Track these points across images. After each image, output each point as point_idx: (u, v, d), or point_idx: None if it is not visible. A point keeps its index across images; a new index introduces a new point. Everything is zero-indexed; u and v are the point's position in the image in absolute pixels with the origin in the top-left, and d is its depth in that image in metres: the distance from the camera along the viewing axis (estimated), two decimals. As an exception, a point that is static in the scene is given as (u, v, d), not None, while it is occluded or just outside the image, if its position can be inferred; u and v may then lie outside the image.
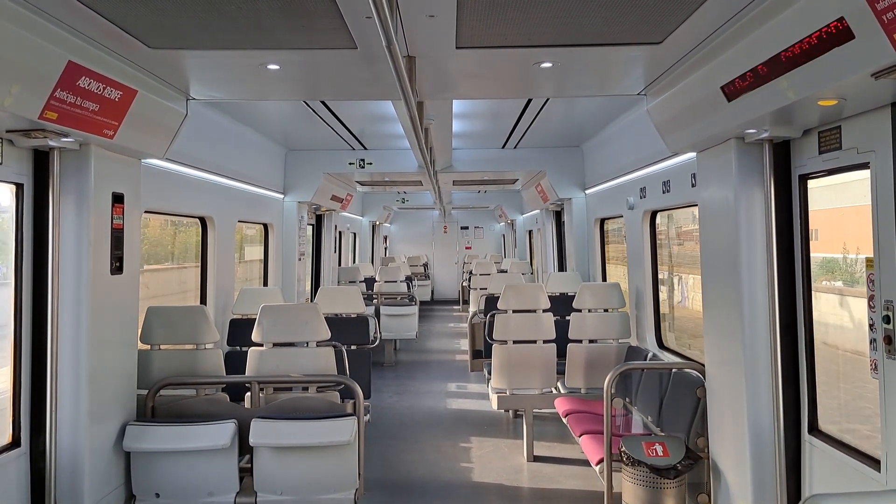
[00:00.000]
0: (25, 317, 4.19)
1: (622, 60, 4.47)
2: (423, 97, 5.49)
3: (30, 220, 4.21)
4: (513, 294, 7.18)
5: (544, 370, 7.04)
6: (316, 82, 5.04)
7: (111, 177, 4.53)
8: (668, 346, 6.95)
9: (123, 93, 4.19)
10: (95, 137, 4.14)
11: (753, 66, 3.52)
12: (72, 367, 4.26)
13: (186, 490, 4.66)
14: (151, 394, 5.03)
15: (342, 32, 3.76)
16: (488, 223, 25.30)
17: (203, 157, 6.73)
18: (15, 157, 4.05)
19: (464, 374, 11.34)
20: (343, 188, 12.40)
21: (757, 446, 4.23)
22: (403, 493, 6.10)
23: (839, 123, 3.68)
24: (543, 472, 6.60)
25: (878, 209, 3.35)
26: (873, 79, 2.80)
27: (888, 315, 3.29)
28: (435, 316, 20.05)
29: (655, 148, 6.09)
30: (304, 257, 10.44)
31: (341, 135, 8.70)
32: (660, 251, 7.31)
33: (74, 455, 4.26)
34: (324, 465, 4.70)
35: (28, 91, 3.42)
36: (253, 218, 8.71)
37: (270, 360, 5.43)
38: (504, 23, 3.67)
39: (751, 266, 4.27)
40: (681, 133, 4.82)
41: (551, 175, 10.05)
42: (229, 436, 4.63)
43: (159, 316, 5.41)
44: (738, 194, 4.28)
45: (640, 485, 4.63)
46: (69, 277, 4.25)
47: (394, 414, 8.89)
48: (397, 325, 12.63)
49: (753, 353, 4.26)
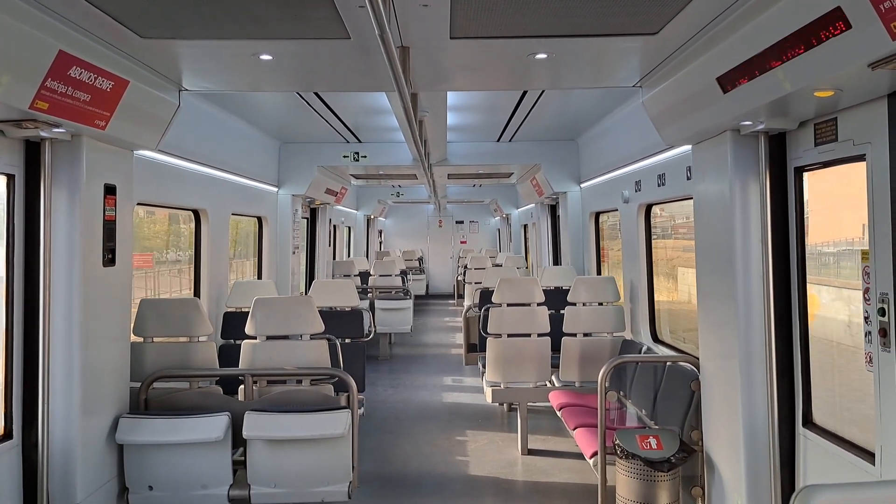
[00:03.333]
0: (17, 308, 4.16)
1: (617, 51, 4.46)
2: (418, 88, 5.47)
3: (21, 212, 4.17)
4: (507, 287, 7.17)
5: (539, 364, 7.03)
6: (309, 73, 5.01)
7: (103, 168, 4.50)
8: (662, 340, 6.96)
9: (115, 83, 4.16)
10: (87, 128, 4.11)
11: (749, 56, 3.51)
12: (64, 360, 4.23)
13: (180, 482, 4.64)
14: (144, 386, 5.01)
15: (335, 22, 3.73)
16: (483, 217, 25.32)
17: (196, 149, 6.70)
18: (6, 148, 4.01)
19: (458, 368, 11.36)
20: (337, 181, 12.37)
21: (751, 439, 4.23)
22: (398, 487, 6.10)
23: (835, 115, 3.67)
24: (538, 466, 6.60)
25: (873, 201, 3.33)
26: (870, 69, 2.78)
27: (883, 307, 3.28)
28: (430, 310, 20.07)
29: (650, 141, 6.08)
30: (299, 251, 10.41)
31: (335, 127, 8.67)
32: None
33: (67, 447, 4.24)
34: (318, 458, 4.69)
35: (18, 81, 3.38)
36: (247, 211, 8.68)
37: (264, 353, 5.41)
38: (498, 13, 3.65)
39: (746, 259, 4.26)
40: (676, 125, 4.81)
41: (546, 169, 10.04)
42: (223, 428, 4.61)
43: (152, 308, 5.39)
44: (734, 187, 4.27)
45: (633, 478, 4.63)
46: (61, 269, 4.22)
47: (388, 407, 8.89)
48: (392, 319, 12.63)
49: (748, 346, 4.26)
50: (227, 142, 7.68)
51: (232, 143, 7.88)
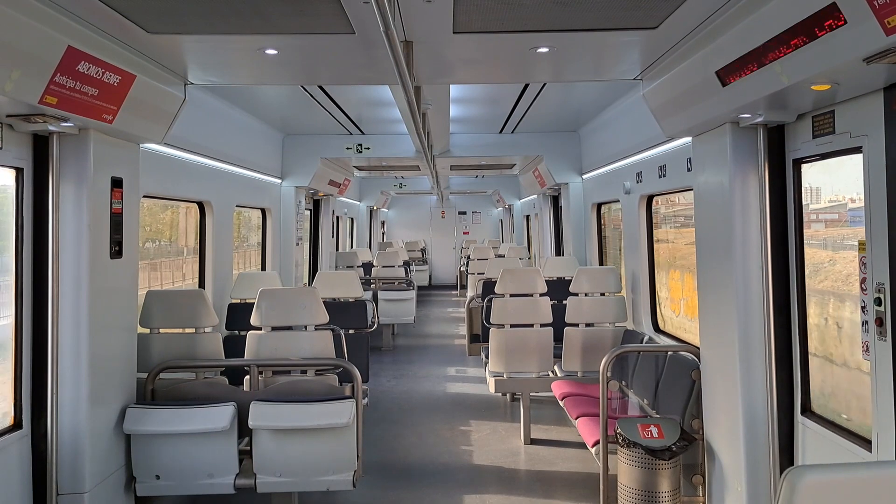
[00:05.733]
0: (26, 300, 4.22)
1: (618, 45, 4.49)
2: (421, 82, 5.50)
3: (30, 205, 4.23)
4: (510, 278, 7.21)
5: (541, 354, 7.09)
6: (314, 67, 5.05)
7: (110, 161, 4.55)
8: (663, 330, 7.01)
9: (122, 78, 4.21)
10: (94, 122, 4.16)
11: (747, 50, 3.55)
12: (72, 351, 4.30)
13: (186, 472, 4.71)
14: (151, 377, 5.07)
15: (340, 17, 3.77)
16: (486, 208, 25.32)
17: (201, 142, 6.75)
18: (15, 142, 4.07)
19: (461, 359, 11.42)
20: (340, 173, 12.41)
21: (751, 427, 4.29)
22: (402, 476, 6.17)
23: (832, 108, 3.71)
24: (540, 455, 6.67)
25: (870, 192, 3.38)
26: (865, 64, 2.83)
27: (879, 297, 3.33)
28: (433, 301, 20.12)
29: (651, 133, 6.12)
30: (302, 242, 10.46)
31: (339, 119, 8.71)
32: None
33: (75, 437, 4.31)
34: (322, 448, 4.75)
35: (28, 76, 3.43)
36: (251, 203, 8.73)
37: (269, 344, 5.47)
38: (500, 8, 3.69)
39: (745, 249, 4.31)
40: (676, 118, 4.85)
41: (548, 160, 10.07)
42: (228, 418, 4.68)
43: (158, 300, 5.45)
44: (733, 178, 4.32)
45: (635, 466, 4.69)
46: (69, 261, 4.29)
47: (392, 398, 8.96)
48: (395, 310, 12.68)
49: (747, 336, 4.31)
50: (231, 134, 7.73)
51: (236, 135, 7.92)
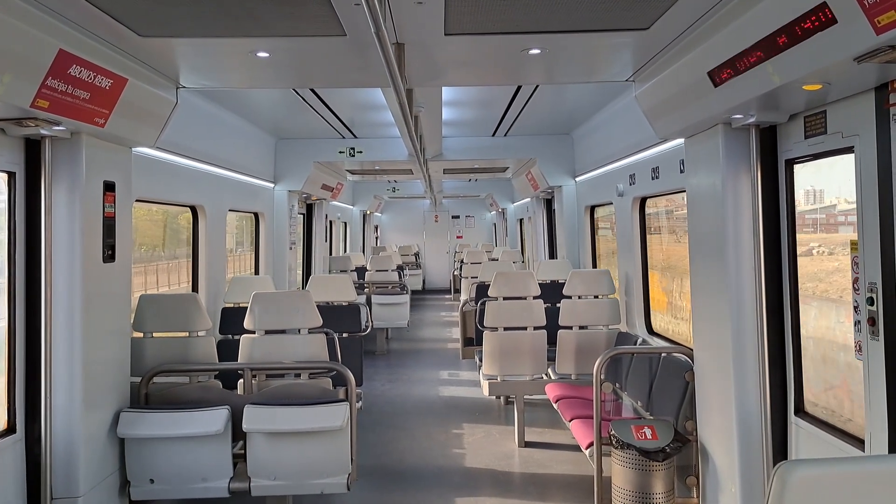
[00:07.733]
0: (19, 304, 4.20)
1: (610, 47, 4.50)
2: (413, 84, 5.51)
3: (22, 209, 4.21)
4: (503, 281, 7.22)
5: (535, 356, 7.09)
6: (305, 70, 5.05)
7: (102, 165, 4.54)
8: (657, 332, 7.01)
9: (114, 81, 4.20)
10: (86, 126, 4.15)
11: (739, 51, 3.55)
12: (66, 355, 4.28)
13: (181, 475, 4.69)
14: (145, 381, 5.05)
15: (331, 20, 3.77)
16: (479, 212, 25.34)
17: (193, 145, 6.74)
18: (7, 146, 4.05)
19: (455, 362, 11.41)
20: (333, 177, 12.40)
21: (744, 428, 4.29)
22: (396, 479, 6.16)
23: (824, 108, 3.72)
24: (534, 458, 6.66)
25: (861, 192, 3.39)
26: (856, 63, 2.84)
27: (871, 297, 3.34)
28: (426, 305, 20.10)
29: (644, 135, 6.13)
30: (295, 246, 10.45)
31: (331, 123, 8.71)
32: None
33: (69, 441, 4.29)
34: (317, 451, 4.74)
35: (20, 79, 3.42)
36: (244, 207, 8.72)
37: (262, 347, 5.45)
38: (492, 9, 3.69)
39: (738, 250, 4.32)
40: (669, 119, 4.86)
41: (542, 163, 10.08)
42: (222, 422, 4.66)
43: (151, 304, 5.43)
44: (726, 179, 4.32)
45: (629, 468, 4.69)
46: (62, 265, 4.27)
47: (386, 401, 8.94)
48: (389, 314, 12.67)
49: (740, 337, 4.31)
50: (223, 138, 7.72)
51: (228, 139, 7.91)
